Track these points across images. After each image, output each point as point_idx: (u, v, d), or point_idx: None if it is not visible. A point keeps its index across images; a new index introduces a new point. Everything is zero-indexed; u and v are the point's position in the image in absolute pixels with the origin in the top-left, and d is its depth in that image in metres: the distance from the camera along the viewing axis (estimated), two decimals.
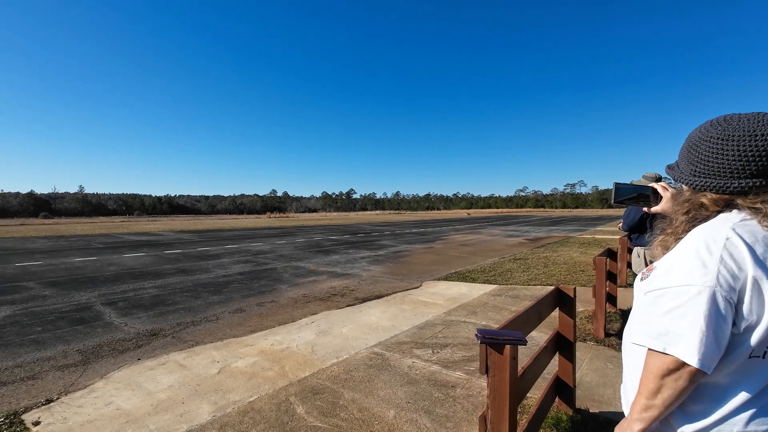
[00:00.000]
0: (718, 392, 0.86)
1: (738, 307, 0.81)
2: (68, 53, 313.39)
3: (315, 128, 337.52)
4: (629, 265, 6.38)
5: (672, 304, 0.84)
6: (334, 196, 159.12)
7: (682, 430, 0.89)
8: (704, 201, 0.94)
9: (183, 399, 3.04)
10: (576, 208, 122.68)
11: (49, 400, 3.06)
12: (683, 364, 0.81)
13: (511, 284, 7.24)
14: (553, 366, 2.84)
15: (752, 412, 0.84)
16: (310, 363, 3.69)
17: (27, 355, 4.00)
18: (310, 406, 2.88)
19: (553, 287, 2.67)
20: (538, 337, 4.14)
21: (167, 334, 4.67)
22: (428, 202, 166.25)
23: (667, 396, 0.85)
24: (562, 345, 2.69)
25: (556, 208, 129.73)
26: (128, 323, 5.08)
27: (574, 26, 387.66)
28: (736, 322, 0.82)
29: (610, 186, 1.31)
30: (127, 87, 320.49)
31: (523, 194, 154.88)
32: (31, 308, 5.81)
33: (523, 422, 2.11)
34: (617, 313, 5.22)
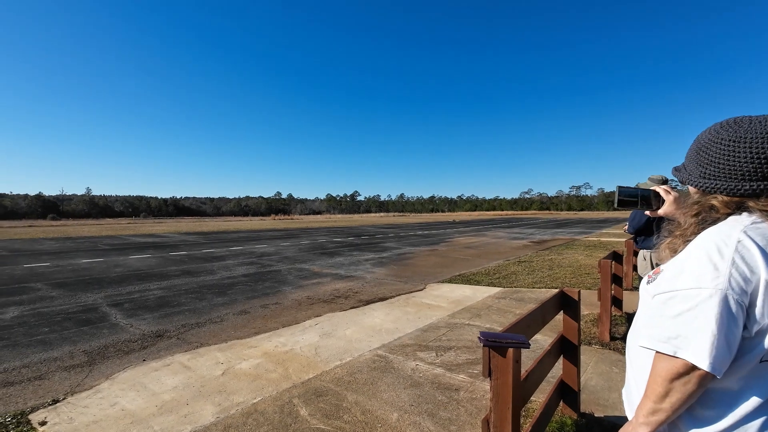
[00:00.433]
0: (728, 397, 0.85)
1: (749, 311, 0.80)
2: (76, 57, 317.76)
3: (319, 131, 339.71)
4: (635, 268, 6.34)
5: (682, 307, 0.83)
6: (338, 199, 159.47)
7: None
8: (715, 203, 0.93)
9: (187, 400, 3.05)
10: (581, 210, 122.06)
11: (55, 401, 3.09)
12: (693, 368, 0.80)
13: (515, 287, 7.21)
14: (558, 370, 2.82)
15: (765, 418, 0.82)
16: (313, 365, 3.70)
17: (34, 356, 4.04)
18: (314, 408, 2.88)
19: (557, 290, 2.66)
20: (543, 340, 4.12)
21: (172, 335, 4.69)
22: (432, 204, 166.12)
23: (676, 400, 0.83)
24: (567, 348, 2.67)
25: (561, 210, 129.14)
26: (134, 324, 5.12)
27: (581, 30, 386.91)
28: (747, 326, 0.81)
29: (615, 189, 1.29)
30: (134, 90, 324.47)
31: (528, 196, 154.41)
32: (38, 309, 5.87)
33: (527, 426, 2.10)
34: (623, 317, 5.17)
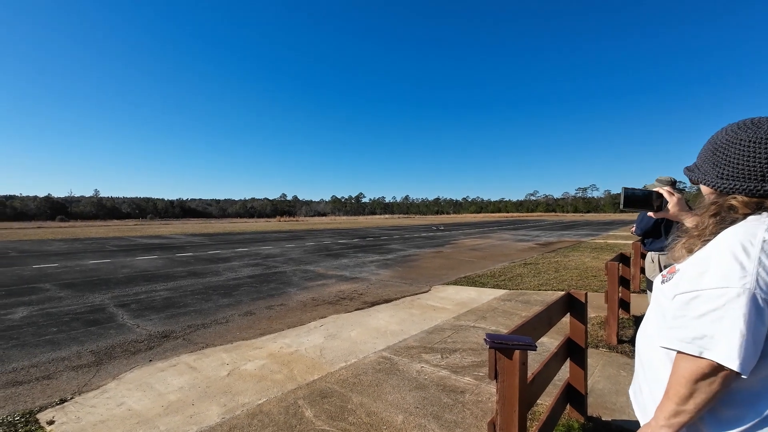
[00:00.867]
0: (752, 398, 0.84)
1: None
2: (85, 62, 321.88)
3: (325, 133, 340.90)
4: (642, 271, 6.28)
5: (708, 307, 0.82)
6: (343, 200, 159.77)
7: None
8: (734, 203, 0.93)
9: (193, 401, 3.07)
10: (588, 212, 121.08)
11: (63, 400, 3.12)
12: (719, 368, 0.80)
13: (521, 289, 7.16)
14: (564, 373, 2.80)
15: None
16: (318, 366, 3.70)
17: (42, 356, 4.08)
18: (319, 410, 2.88)
19: (563, 292, 2.63)
20: (549, 343, 4.09)
21: (178, 336, 4.72)
22: (438, 206, 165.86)
23: (701, 401, 0.83)
24: (574, 351, 2.65)
25: (568, 212, 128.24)
26: (140, 325, 5.15)
27: (587, 34, 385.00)
28: None
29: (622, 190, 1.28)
30: (142, 93, 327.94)
31: (534, 198, 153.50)
32: (47, 309, 5.93)
33: (533, 429, 2.08)
34: (630, 320, 5.12)
